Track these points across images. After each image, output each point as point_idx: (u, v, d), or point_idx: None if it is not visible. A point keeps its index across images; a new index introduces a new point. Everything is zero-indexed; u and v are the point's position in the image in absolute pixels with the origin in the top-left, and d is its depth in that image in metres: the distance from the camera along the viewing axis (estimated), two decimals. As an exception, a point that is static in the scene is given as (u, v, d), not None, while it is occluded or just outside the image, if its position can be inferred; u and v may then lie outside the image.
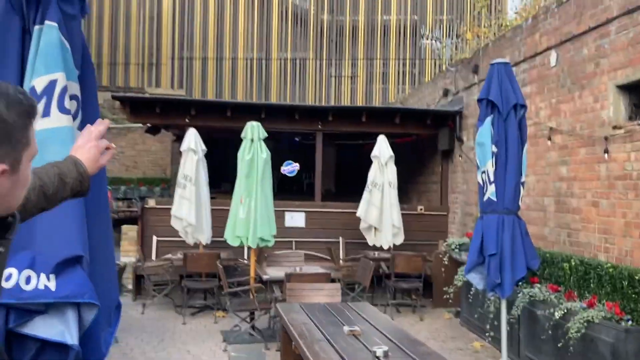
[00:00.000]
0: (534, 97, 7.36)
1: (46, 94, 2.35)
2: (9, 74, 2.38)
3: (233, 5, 21.55)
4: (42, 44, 2.40)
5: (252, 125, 7.55)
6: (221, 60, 21.56)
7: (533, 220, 7.23)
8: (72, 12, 2.52)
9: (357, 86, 21.73)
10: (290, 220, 9.80)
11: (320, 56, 21.71)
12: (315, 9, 21.58)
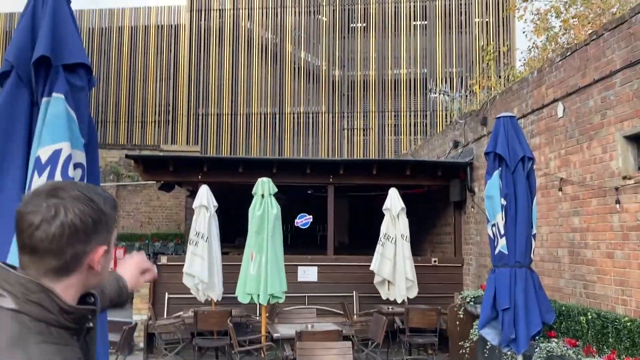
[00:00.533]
0: (543, 148, 7.37)
1: (51, 163, 2.40)
2: (17, 144, 2.45)
3: (247, 62, 22.15)
4: (48, 115, 2.47)
5: (262, 181, 7.62)
6: (236, 115, 22.01)
7: (548, 271, 7.11)
8: (80, 84, 2.61)
9: (369, 138, 21.95)
10: (303, 275, 9.74)
11: (333, 110, 22.07)
12: (327, 64, 22.08)
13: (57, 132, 2.44)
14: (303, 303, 9.51)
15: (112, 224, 1.34)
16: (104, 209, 1.30)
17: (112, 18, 23.46)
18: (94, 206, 1.28)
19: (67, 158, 2.41)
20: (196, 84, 22.09)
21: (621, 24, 5.77)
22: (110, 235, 1.34)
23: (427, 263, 10.05)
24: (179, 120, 22.19)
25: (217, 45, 22.26)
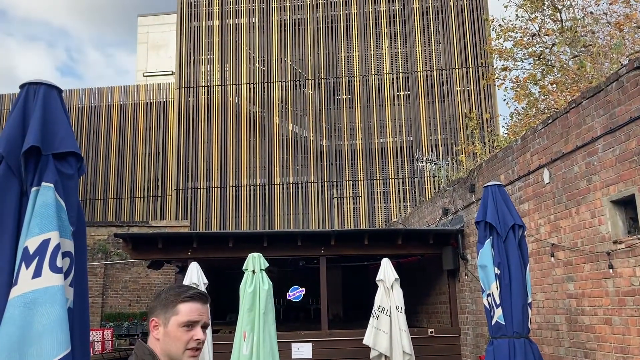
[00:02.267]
0: (532, 213, 7.42)
1: (39, 254, 2.36)
2: (5, 235, 2.42)
3: (235, 135, 22.48)
4: (37, 204, 2.46)
5: (253, 256, 7.54)
6: (225, 188, 22.09)
7: (546, 340, 6.97)
8: (70, 172, 2.62)
9: (359, 206, 22.04)
10: (297, 352, 9.46)
11: (322, 179, 22.26)
12: (314, 135, 22.47)
13: (46, 222, 2.42)
14: (298, 381, 9.19)
15: (170, 307, 1.87)
16: (163, 294, 1.90)
17: (101, 96, 23.93)
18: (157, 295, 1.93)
19: (55, 247, 2.38)
20: (185, 158, 22.29)
21: (598, 92, 5.97)
22: (167, 316, 1.85)
23: (424, 334, 9.84)
24: (167, 195, 22.21)
25: (206, 119, 22.66)
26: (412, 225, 12.86)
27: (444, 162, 11.92)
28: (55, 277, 2.35)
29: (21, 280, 2.27)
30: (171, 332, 1.82)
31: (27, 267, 2.31)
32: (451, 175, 11.32)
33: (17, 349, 2.13)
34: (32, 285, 2.27)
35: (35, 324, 2.20)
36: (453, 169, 12.13)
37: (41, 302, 2.26)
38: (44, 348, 2.18)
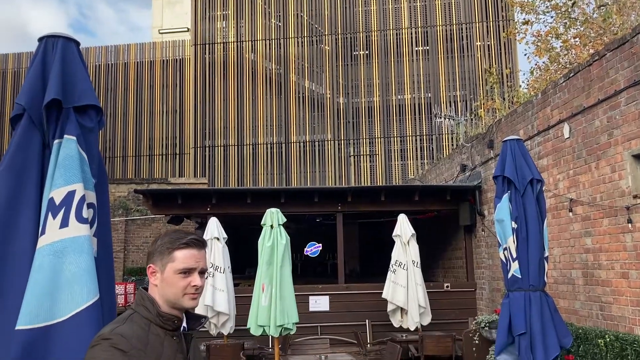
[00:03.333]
0: (550, 169, 7.36)
1: (65, 205, 2.41)
2: (30, 186, 2.47)
3: (252, 93, 22.39)
4: (61, 156, 2.49)
5: (271, 211, 7.62)
6: (242, 146, 22.15)
7: (562, 294, 7.03)
8: (90, 125, 2.65)
9: (376, 164, 22.00)
10: (315, 305, 9.66)
11: (339, 137, 22.18)
12: (331, 92, 22.28)
13: (70, 174, 2.45)
14: (315, 333, 9.41)
15: (166, 254, 1.86)
16: (158, 241, 1.90)
17: (117, 54, 23.88)
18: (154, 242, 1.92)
19: (80, 199, 2.42)
20: (202, 116, 22.31)
21: (623, 44, 5.81)
22: (163, 263, 1.85)
23: (440, 289, 9.96)
24: (185, 152, 22.36)
25: (222, 77, 22.55)
26: (430, 182, 12.84)
27: (462, 118, 11.79)
28: (82, 228, 2.40)
29: (49, 230, 2.31)
30: (168, 279, 1.82)
31: (54, 217, 2.36)
32: (469, 131, 11.21)
33: (49, 295, 2.20)
34: (60, 235, 2.32)
35: (65, 271, 2.26)
36: (471, 125, 12.01)
37: (69, 251, 2.31)
38: (74, 294, 2.25)
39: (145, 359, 1.74)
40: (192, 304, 1.84)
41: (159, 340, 1.80)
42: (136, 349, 1.73)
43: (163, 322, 1.82)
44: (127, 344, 1.72)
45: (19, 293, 2.26)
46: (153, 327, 1.81)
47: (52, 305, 2.21)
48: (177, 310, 1.86)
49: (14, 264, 2.32)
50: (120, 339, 1.73)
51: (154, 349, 1.77)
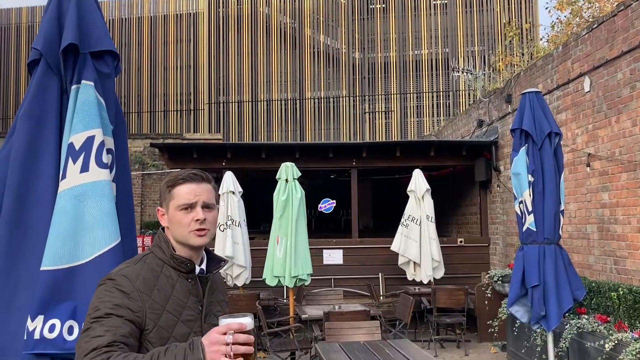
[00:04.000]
0: (569, 123, 7.26)
1: (84, 150, 2.42)
2: (49, 131, 2.49)
3: (266, 48, 22.14)
4: (79, 102, 2.50)
5: (286, 165, 7.65)
6: (256, 102, 22.06)
7: (577, 248, 7.03)
8: (107, 71, 2.64)
9: (391, 121, 21.83)
10: (328, 258, 9.79)
11: (354, 93, 21.97)
12: (347, 47, 21.95)
13: (89, 119, 2.46)
14: (329, 285, 9.57)
15: (166, 195, 1.85)
16: (163, 185, 1.89)
17: (131, 8, 23.61)
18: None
19: (100, 144, 2.43)
20: (216, 72, 22.18)
21: (649, -7, 5.62)
22: (164, 202, 1.85)
23: (453, 244, 10.02)
24: (200, 108, 22.34)
25: (236, 32, 22.28)
26: (446, 138, 12.75)
27: (480, 73, 11.59)
28: (103, 172, 2.42)
29: (69, 174, 2.33)
30: (173, 218, 1.80)
31: (74, 162, 2.37)
32: (487, 86, 11.04)
33: (72, 237, 2.24)
34: (80, 179, 2.34)
35: (87, 215, 2.29)
36: (490, 80, 11.81)
37: (90, 195, 2.34)
38: (97, 238, 2.28)
39: (148, 302, 1.71)
40: (199, 240, 1.79)
41: (170, 282, 1.77)
42: (138, 291, 1.70)
43: (176, 264, 1.80)
44: (130, 286, 1.70)
45: (40, 235, 2.31)
46: (166, 269, 1.80)
47: (75, 247, 2.26)
48: (192, 251, 1.82)
49: (35, 208, 2.36)
50: (123, 280, 1.72)
51: (163, 292, 1.74)
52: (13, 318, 2.21)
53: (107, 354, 1.59)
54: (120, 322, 1.66)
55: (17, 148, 2.38)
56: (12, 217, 2.31)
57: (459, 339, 8.31)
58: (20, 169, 2.38)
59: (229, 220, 8.17)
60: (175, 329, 1.73)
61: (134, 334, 1.67)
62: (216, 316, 1.79)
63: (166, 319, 1.72)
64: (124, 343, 1.64)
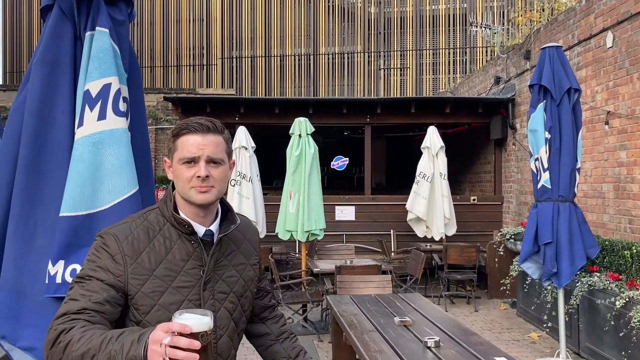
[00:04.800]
0: (589, 80, 7.10)
1: (101, 97, 2.41)
2: (63, 78, 2.47)
3: (280, 2, 21.73)
4: (94, 49, 2.47)
5: (299, 120, 7.61)
6: (269, 57, 21.81)
7: (591, 207, 6.99)
8: (121, 17, 2.60)
9: (406, 78, 21.51)
10: (341, 214, 9.84)
11: (369, 49, 21.61)
12: (362, 1, 21.48)
13: (105, 67, 2.43)
14: (341, 241, 9.66)
15: (172, 147, 1.69)
16: (170, 134, 1.72)
17: (143, -40, 23.15)
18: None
19: (116, 92, 2.42)
20: (229, 26, 21.87)
21: (680, -58, 5.39)
22: (169, 152, 1.70)
23: (466, 202, 10.01)
24: (213, 63, 22.15)
25: (249, -16, 21.84)
26: (462, 95, 12.56)
27: (499, 28, 11.31)
28: (120, 120, 2.41)
29: (87, 122, 2.33)
30: (176, 171, 1.64)
31: (91, 109, 2.36)
32: (506, 42, 10.79)
33: (90, 184, 2.25)
34: (97, 127, 2.34)
35: (105, 162, 2.29)
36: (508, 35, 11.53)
37: (108, 143, 2.34)
38: (115, 185, 2.29)
39: (132, 266, 1.57)
40: (200, 198, 1.60)
41: (167, 243, 1.63)
42: (122, 253, 1.58)
43: (177, 223, 1.64)
44: (115, 247, 1.59)
45: (57, 181, 2.32)
46: (167, 228, 1.65)
47: (94, 194, 2.27)
48: (198, 209, 1.65)
49: (51, 155, 2.36)
50: (111, 240, 1.61)
51: (154, 255, 1.60)
52: (31, 261, 2.25)
53: (73, 322, 1.48)
54: (99, 286, 1.55)
55: (32, 94, 2.37)
56: (28, 164, 2.32)
57: (469, 295, 8.40)
58: (35, 115, 2.37)
59: (238, 176, 8.18)
60: (163, 297, 1.57)
61: (113, 300, 1.55)
62: (227, 283, 1.67)
63: (152, 285, 1.57)
64: (96, 311, 1.51)
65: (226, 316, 1.67)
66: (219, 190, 1.64)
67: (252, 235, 1.86)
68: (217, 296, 1.65)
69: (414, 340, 3.50)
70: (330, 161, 10.41)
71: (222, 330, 1.64)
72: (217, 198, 1.66)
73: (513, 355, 3.37)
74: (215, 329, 1.58)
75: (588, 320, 5.72)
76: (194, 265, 1.62)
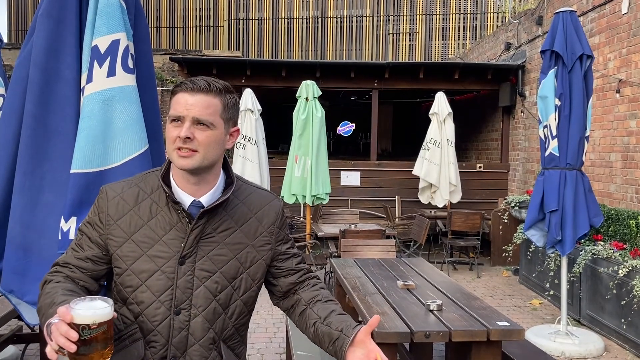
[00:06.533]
0: (602, 47, 6.98)
1: (110, 54, 2.36)
2: (68, 32, 2.43)
3: (288, -37, 21.30)
4: (101, 4, 2.41)
5: (306, 84, 7.54)
6: (277, 20, 21.50)
7: (598, 176, 6.96)
8: (127, -28, 2.54)
9: (415, 43, 21.21)
10: (346, 179, 9.84)
11: (378, 12, 21.25)
12: (372, -37, 21.02)
13: (113, 22, 2.38)
14: (346, 206, 9.68)
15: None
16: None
17: None
18: None
19: (125, 49, 2.37)
20: (237, -14, 21.49)
21: None
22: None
23: (472, 169, 9.98)
24: (220, 25, 21.86)
25: (257, -56, 21.37)
26: (471, 61, 12.38)
27: (511, -8, 11.07)
28: (129, 77, 2.37)
29: (96, 78, 2.29)
30: (166, 130, 1.53)
31: (100, 65, 2.32)
32: (518, 7, 10.57)
33: (101, 141, 2.23)
34: (107, 84, 2.30)
35: (115, 120, 2.27)
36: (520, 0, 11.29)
37: (118, 100, 2.31)
38: (126, 143, 2.27)
39: (112, 226, 1.54)
40: (181, 162, 1.47)
41: (153, 208, 1.55)
42: (106, 212, 1.55)
43: (165, 188, 1.54)
44: (103, 205, 1.56)
45: (64, 137, 2.31)
46: (159, 192, 1.57)
47: (105, 151, 2.25)
48: (189, 175, 1.53)
49: (58, 110, 2.34)
50: (102, 197, 1.58)
51: (135, 218, 1.54)
52: (38, 216, 2.26)
53: (55, 274, 1.53)
54: (85, 242, 1.57)
55: (38, 48, 2.34)
56: (35, 119, 2.30)
57: (472, 262, 8.45)
58: (41, 70, 2.34)
59: (243, 139, 8.13)
60: (136, 263, 1.51)
61: (95, 258, 1.55)
62: (213, 261, 1.54)
63: (128, 249, 1.52)
64: (77, 266, 1.54)
65: (205, 296, 1.53)
66: (204, 157, 1.48)
67: (265, 214, 1.66)
68: (197, 273, 1.52)
69: (416, 303, 3.52)
70: (336, 126, 10.36)
71: (197, 309, 1.52)
72: (201, 165, 1.49)
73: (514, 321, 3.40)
74: (190, 307, 1.51)
75: (590, 288, 5.76)
76: (175, 236, 1.52)
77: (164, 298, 1.50)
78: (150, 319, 1.50)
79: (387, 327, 3.05)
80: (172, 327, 1.50)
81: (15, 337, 4.34)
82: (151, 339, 1.50)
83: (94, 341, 1.25)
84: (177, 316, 1.50)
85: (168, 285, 1.50)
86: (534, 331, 5.48)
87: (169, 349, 1.51)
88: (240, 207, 1.62)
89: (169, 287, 1.50)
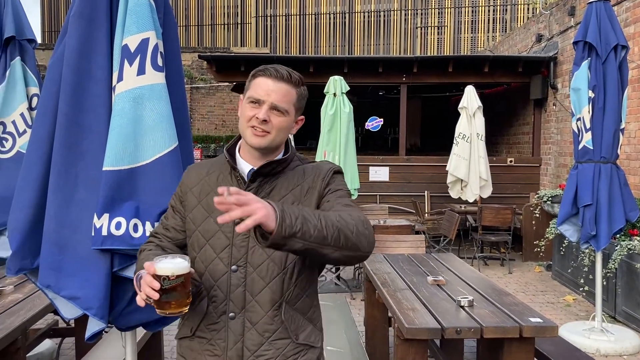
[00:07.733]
0: (637, 37, 6.79)
1: (140, 52, 2.40)
2: (100, 32, 2.46)
3: (315, -41, 21.28)
4: (131, 3, 2.45)
5: (334, 79, 7.52)
6: (304, 16, 21.51)
7: (634, 170, 6.79)
8: (155, -29, 2.56)
9: (444, 36, 20.99)
10: (375, 175, 9.81)
11: (406, 6, 21.08)
12: (399, -43, 20.85)
13: (143, 21, 2.41)
14: (374, 202, 9.65)
15: (247, 86, 1.71)
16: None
17: None
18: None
19: (155, 47, 2.40)
20: (264, -17, 21.57)
21: None
22: (245, 93, 1.71)
23: (503, 163, 9.83)
24: (247, 22, 21.99)
25: (284, -60, 21.40)
26: (501, 53, 12.19)
27: (542, -17, 10.84)
28: (159, 75, 2.40)
29: (126, 77, 2.32)
30: (242, 108, 1.69)
31: (130, 64, 2.35)
32: (549, -2, 10.35)
33: (132, 139, 2.26)
34: (137, 82, 2.33)
35: (146, 118, 2.30)
36: (552, -9, 11.03)
37: (148, 98, 2.34)
38: (156, 140, 2.30)
39: (187, 194, 1.74)
40: (253, 141, 1.63)
41: (220, 177, 1.73)
42: (184, 184, 1.78)
43: (227, 156, 1.73)
44: (184, 177, 1.80)
45: (96, 136, 2.35)
46: (226, 164, 1.74)
47: (135, 149, 2.29)
48: (255, 151, 1.67)
49: (90, 109, 2.38)
50: (185, 172, 1.83)
51: (205, 186, 1.72)
52: (72, 214, 2.30)
53: (148, 244, 1.77)
54: (170, 213, 1.78)
55: (70, 48, 2.38)
56: (68, 118, 2.34)
57: (503, 257, 8.34)
58: (74, 70, 2.38)
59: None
60: (203, 224, 1.68)
61: (177, 226, 1.76)
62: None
63: (197, 212, 1.70)
64: (164, 235, 1.77)
65: (259, 253, 1.62)
66: (274, 139, 1.65)
67: (316, 176, 1.71)
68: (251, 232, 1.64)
69: (447, 299, 3.49)
70: (364, 122, 10.31)
71: (252, 267, 1.62)
72: (270, 145, 1.65)
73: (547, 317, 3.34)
74: (245, 264, 1.63)
75: (626, 284, 5.62)
76: None
77: (222, 255, 1.64)
78: (212, 274, 1.65)
79: (418, 323, 3.03)
80: (230, 282, 1.63)
81: (51, 331, 4.46)
82: (212, 294, 1.64)
83: (173, 291, 1.45)
84: (234, 273, 1.63)
85: (226, 243, 1.65)
86: (568, 328, 5.38)
87: (227, 304, 1.63)
88: (294, 174, 1.72)
89: (227, 245, 1.64)
